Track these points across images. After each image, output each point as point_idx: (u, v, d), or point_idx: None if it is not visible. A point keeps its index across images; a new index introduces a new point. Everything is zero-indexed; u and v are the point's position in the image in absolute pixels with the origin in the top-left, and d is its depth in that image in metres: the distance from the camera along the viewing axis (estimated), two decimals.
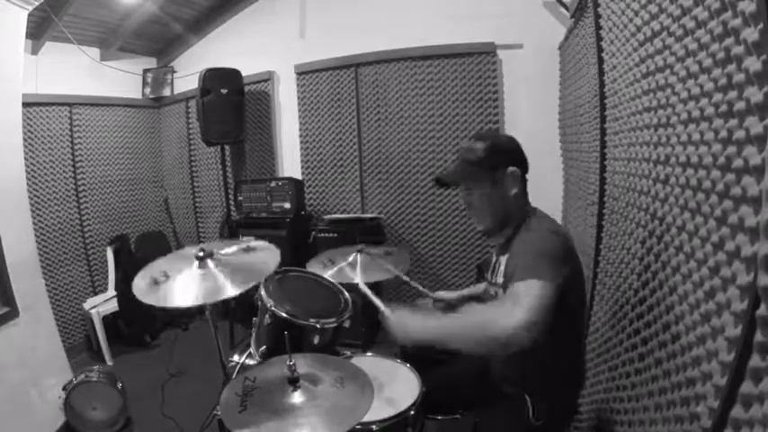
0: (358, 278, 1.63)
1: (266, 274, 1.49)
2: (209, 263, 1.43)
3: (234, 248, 1.58)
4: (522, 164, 1.28)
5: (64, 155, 3.43)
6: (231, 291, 1.33)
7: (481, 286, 1.69)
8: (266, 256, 1.55)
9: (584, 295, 1.34)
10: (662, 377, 1.03)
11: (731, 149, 0.76)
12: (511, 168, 1.23)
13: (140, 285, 1.36)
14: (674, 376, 0.96)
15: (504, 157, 1.25)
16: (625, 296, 1.39)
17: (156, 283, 1.35)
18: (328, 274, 1.80)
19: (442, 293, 1.75)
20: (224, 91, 3.27)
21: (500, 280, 1.25)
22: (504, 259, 1.26)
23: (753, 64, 0.69)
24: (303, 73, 3.52)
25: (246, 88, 3.52)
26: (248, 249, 1.60)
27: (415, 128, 3.16)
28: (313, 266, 1.89)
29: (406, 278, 1.79)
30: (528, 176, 1.30)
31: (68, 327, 3.30)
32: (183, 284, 1.37)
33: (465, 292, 1.74)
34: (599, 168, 1.81)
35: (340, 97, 3.40)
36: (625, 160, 1.49)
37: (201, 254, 1.43)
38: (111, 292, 3.41)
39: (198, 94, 3.22)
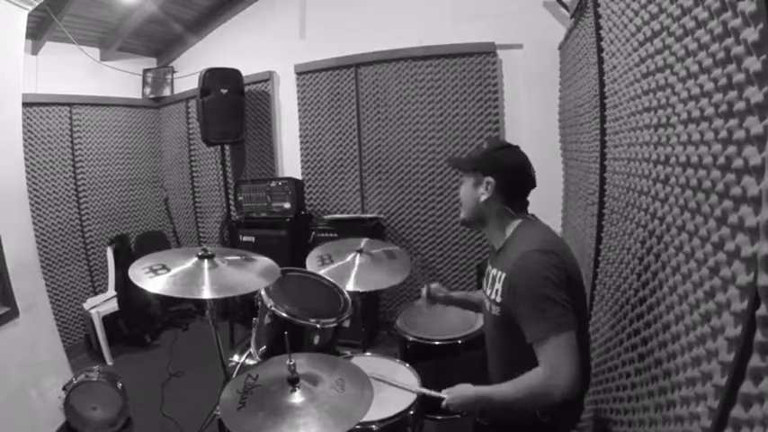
0: (412, 383, 1.41)
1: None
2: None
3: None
4: (512, 181, 1.29)
5: (64, 155, 3.43)
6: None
7: (478, 294, 1.66)
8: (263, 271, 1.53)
9: (585, 298, 1.35)
10: (662, 377, 1.03)
11: (731, 149, 0.76)
12: (488, 178, 1.27)
13: (137, 272, 1.35)
14: (674, 376, 0.96)
15: (492, 166, 1.28)
16: (625, 296, 1.39)
17: (153, 272, 1.34)
18: (323, 272, 1.80)
19: (435, 287, 1.70)
20: (224, 91, 3.27)
21: (497, 299, 1.23)
22: (498, 274, 1.25)
23: (753, 64, 0.69)
24: (303, 73, 3.52)
25: (246, 88, 3.52)
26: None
27: (415, 128, 3.15)
28: (311, 262, 1.89)
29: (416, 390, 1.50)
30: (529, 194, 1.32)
31: (68, 327, 3.30)
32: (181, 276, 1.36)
33: (455, 295, 1.71)
34: (599, 168, 1.81)
35: (340, 97, 3.40)
36: (625, 160, 1.49)
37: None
38: (111, 292, 3.41)
39: (198, 94, 3.22)
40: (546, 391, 1.08)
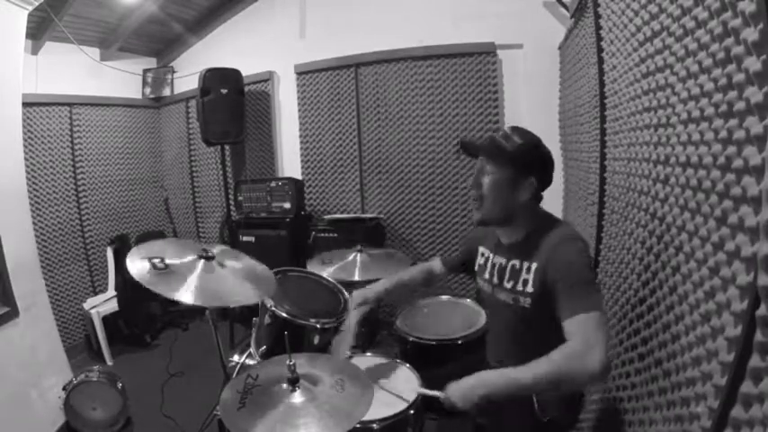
0: (412, 383, 1.39)
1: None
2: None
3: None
4: (546, 180, 1.27)
5: (64, 155, 3.43)
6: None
7: (413, 273, 1.62)
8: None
9: None
10: (662, 377, 1.03)
11: (731, 149, 0.76)
12: (532, 178, 1.22)
13: (138, 266, 1.30)
14: (674, 376, 0.96)
15: (534, 165, 1.23)
16: (625, 296, 1.39)
17: (155, 268, 1.32)
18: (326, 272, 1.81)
19: (359, 295, 1.53)
20: (224, 91, 3.26)
21: (527, 289, 1.21)
22: (525, 265, 1.22)
23: (753, 64, 0.69)
24: (303, 73, 3.52)
25: (246, 88, 3.51)
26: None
27: (415, 128, 3.15)
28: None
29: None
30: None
31: (68, 327, 3.30)
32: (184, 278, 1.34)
33: (385, 285, 1.57)
34: (599, 168, 1.81)
35: (340, 97, 3.40)
36: (625, 160, 1.49)
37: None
38: (111, 292, 3.40)
39: (198, 94, 3.22)
40: (580, 367, 0.98)
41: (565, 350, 1.01)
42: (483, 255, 1.42)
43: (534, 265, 1.20)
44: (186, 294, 1.25)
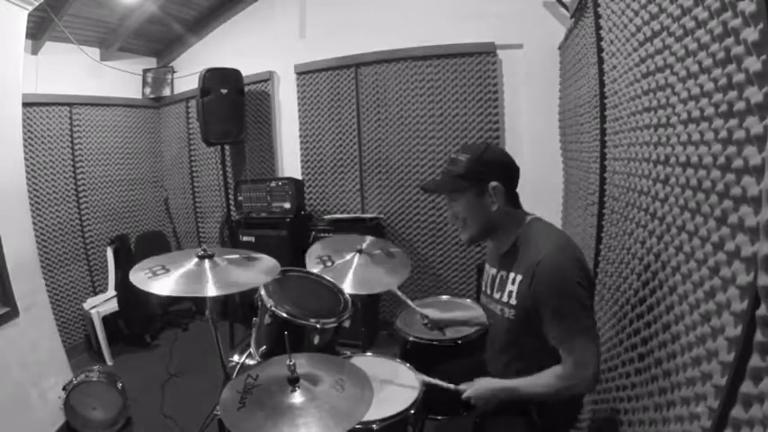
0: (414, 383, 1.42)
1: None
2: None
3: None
4: (509, 177, 1.27)
5: (64, 155, 3.44)
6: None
7: (475, 313, 1.68)
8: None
9: (593, 297, 1.36)
10: (662, 377, 1.03)
11: (731, 149, 0.76)
12: (493, 183, 1.22)
13: (138, 276, 1.34)
14: (674, 376, 0.96)
15: (487, 171, 1.24)
16: (625, 296, 1.39)
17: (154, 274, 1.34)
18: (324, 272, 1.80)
19: (433, 314, 1.70)
20: (224, 91, 3.27)
21: (511, 301, 1.23)
22: (511, 276, 1.24)
23: (753, 64, 0.69)
24: (303, 73, 3.52)
25: (246, 88, 3.52)
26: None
27: (415, 128, 3.15)
28: (311, 260, 1.88)
29: (399, 293, 1.76)
30: (522, 185, 1.31)
31: (68, 327, 3.30)
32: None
33: (457, 316, 1.72)
34: (599, 168, 1.81)
35: (340, 97, 3.40)
36: (625, 160, 1.49)
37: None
38: (111, 292, 3.41)
39: (198, 94, 3.22)
40: (572, 385, 1.15)
41: (563, 372, 1.15)
42: (486, 270, 1.44)
43: (519, 277, 1.21)
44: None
